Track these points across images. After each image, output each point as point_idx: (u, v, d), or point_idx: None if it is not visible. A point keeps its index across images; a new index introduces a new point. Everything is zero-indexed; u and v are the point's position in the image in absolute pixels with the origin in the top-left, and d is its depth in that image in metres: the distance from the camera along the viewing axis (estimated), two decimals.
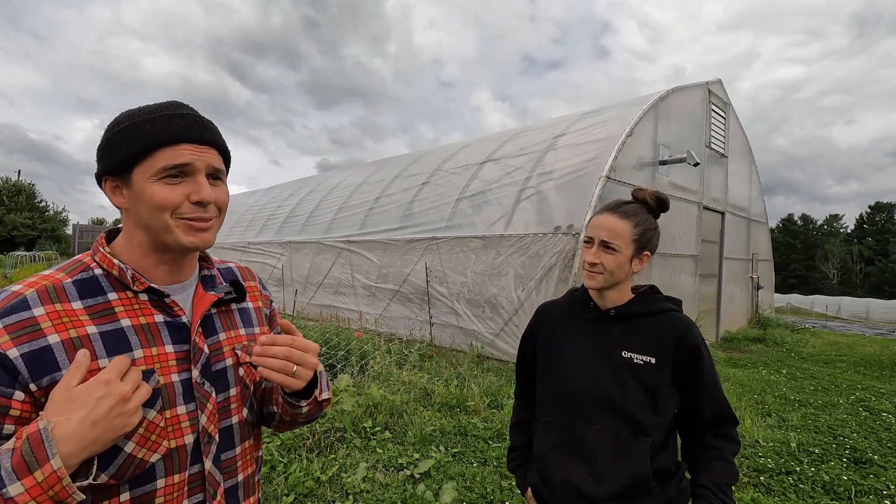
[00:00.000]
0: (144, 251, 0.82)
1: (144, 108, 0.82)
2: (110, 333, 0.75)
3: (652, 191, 1.32)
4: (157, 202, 0.77)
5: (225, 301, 0.92)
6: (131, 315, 0.79)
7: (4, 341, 0.68)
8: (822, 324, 15.85)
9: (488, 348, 6.58)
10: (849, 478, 3.38)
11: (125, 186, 0.80)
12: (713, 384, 1.25)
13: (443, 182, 8.80)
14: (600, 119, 7.74)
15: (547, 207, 6.70)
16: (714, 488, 1.19)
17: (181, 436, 0.79)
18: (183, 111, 0.82)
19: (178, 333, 0.82)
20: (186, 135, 0.79)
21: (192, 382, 0.81)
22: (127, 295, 0.80)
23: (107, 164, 0.80)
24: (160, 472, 0.77)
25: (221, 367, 0.87)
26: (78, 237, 40.10)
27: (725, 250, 9.80)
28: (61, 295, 0.75)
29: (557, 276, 6.04)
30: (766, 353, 8.28)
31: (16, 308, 0.71)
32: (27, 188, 44.01)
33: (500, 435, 3.90)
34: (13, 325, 0.69)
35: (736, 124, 10.41)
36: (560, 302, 1.46)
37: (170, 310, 0.83)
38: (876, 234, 54.89)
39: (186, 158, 0.78)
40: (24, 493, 0.60)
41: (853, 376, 6.77)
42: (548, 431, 1.33)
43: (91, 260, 0.82)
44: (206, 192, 0.80)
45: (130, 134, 0.78)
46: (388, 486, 3.05)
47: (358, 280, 8.88)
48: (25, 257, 26.93)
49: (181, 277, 0.87)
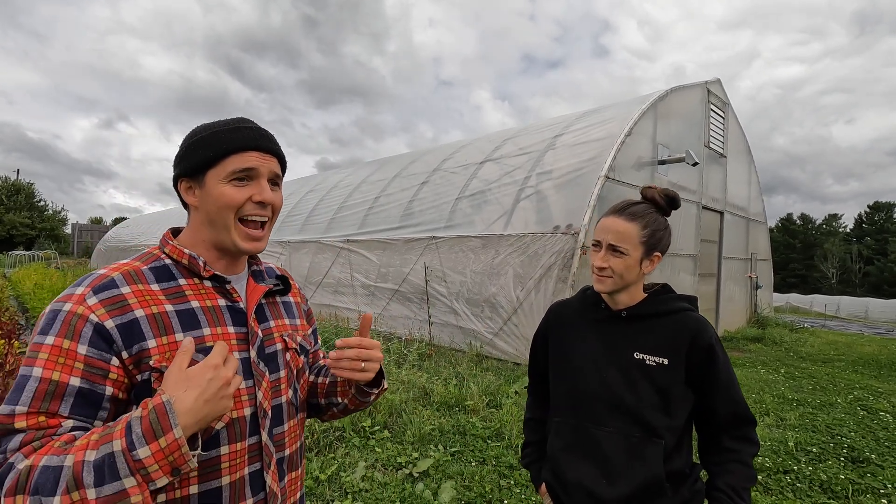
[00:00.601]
0: (207, 245, 0.95)
1: (218, 122, 0.96)
2: (184, 312, 0.87)
3: (661, 189, 1.28)
4: (225, 200, 0.90)
5: (273, 293, 1.05)
6: (199, 298, 0.91)
7: (101, 314, 0.79)
8: (821, 323, 15.87)
9: (487, 348, 6.59)
10: (846, 477, 3.39)
11: (198, 187, 0.93)
12: (728, 384, 1.22)
13: (442, 181, 8.81)
14: (599, 119, 7.74)
15: (546, 207, 6.71)
16: (730, 492, 1.16)
17: (241, 408, 0.90)
18: (250, 125, 0.96)
19: (236, 317, 0.94)
20: (253, 144, 0.92)
21: (250, 362, 0.93)
22: (194, 281, 0.92)
23: (185, 167, 0.93)
24: (224, 439, 0.87)
25: (273, 351, 0.99)
26: (77, 236, 40.07)
27: (724, 250, 9.81)
28: (141, 278, 0.87)
29: (557, 275, 6.04)
30: (764, 353, 8.29)
31: (107, 286, 0.82)
32: (26, 187, 43.96)
33: (498, 434, 3.91)
34: (107, 300, 0.81)
35: (735, 124, 10.41)
36: (572, 302, 1.44)
37: (229, 296, 0.95)
38: (875, 233, 54.97)
39: (253, 164, 0.91)
40: (150, 456, 0.68)
41: (851, 375, 6.79)
42: (559, 432, 1.32)
43: (160, 252, 0.94)
44: (267, 194, 0.93)
45: (207, 142, 0.91)
46: (386, 485, 3.05)
47: (357, 279, 8.88)
48: (24, 256, 26.90)
49: (236, 270, 1.00)
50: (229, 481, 0.88)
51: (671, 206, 1.29)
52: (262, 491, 0.93)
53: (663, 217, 1.29)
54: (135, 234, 24.69)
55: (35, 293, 9.63)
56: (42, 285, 10.18)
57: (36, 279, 11.44)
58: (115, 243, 25.74)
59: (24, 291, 11.01)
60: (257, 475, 0.92)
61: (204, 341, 0.86)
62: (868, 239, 54.39)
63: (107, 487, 0.66)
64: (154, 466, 0.68)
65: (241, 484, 0.89)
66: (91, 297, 0.80)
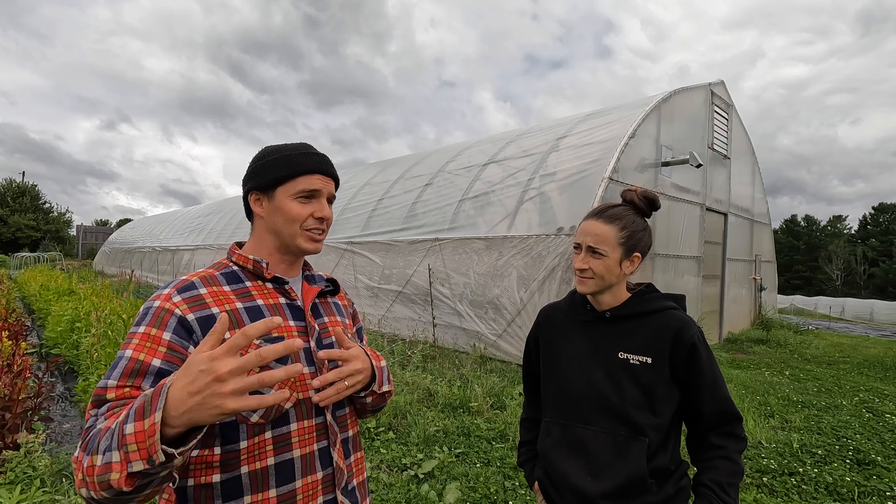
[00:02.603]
0: (270, 251, 1.09)
1: (286, 145, 1.10)
2: (252, 308, 1.00)
3: (641, 191, 1.31)
4: (293, 215, 1.05)
5: (325, 293, 1.19)
6: (263, 297, 1.04)
7: (184, 309, 0.93)
8: (826, 325, 15.79)
9: (491, 349, 6.60)
10: (852, 479, 3.38)
11: (267, 200, 1.07)
12: (713, 382, 1.24)
13: (446, 183, 8.83)
14: (603, 120, 7.75)
15: (550, 209, 6.72)
16: (715, 487, 1.19)
17: (306, 390, 1.00)
18: (316, 151, 1.10)
19: (295, 312, 1.07)
20: (319, 168, 1.07)
21: (311, 350, 1.04)
22: (258, 283, 1.06)
23: (258, 182, 1.07)
24: (293, 417, 0.98)
25: (329, 343, 1.10)
26: (82, 238, 40.23)
27: (728, 251, 9.79)
28: (215, 281, 1.02)
29: (560, 277, 6.05)
30: (769, 355, 8.27)
31: (188, 287, 0.97)
32: (31, 189, 44.19)
33: (503, 436, 3.91)
34: (189, 298, 0.95)
35: (739, 125, 10.40)
36: (561, 304, 1.48)
37: (288, 294, 1.08)
38: (880, 234, 54.66)
39: (317, 185, 1.07)
40: (132, 434, 0.68)
41: (857, 378, 6.76)
42: (550, 432, 1.36)
43: (228, 261, 1.09)
44: (327, 212, 1.09)
45: (280, 163, 1.06)
46: (392, 486, 3.06)
47: (361, 281, 8.90)
48: (29, 258, 27.05)
49: (292, 274, 1.13)
50: (300, 454, 0.98)
51: (651, 208, 1.31)
52: (330, 466, 1.03)
53: (642, 218, 1.31)
54: (138, 235, 24.78)
55: (41, 294, 9.68)
56: (47, 287, 10.22)
57: (41, 281, 11.49)
58: (119, 245, 25.84)
59: (30, 293, 11.06)
60: (325, 451, 1.03)
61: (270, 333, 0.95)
62: (873, 240, 54.09)
63: (105, 456, 0.69)
64: (133, 446, 0.67)
65: (311, 458, 1.00)
66: (176, 296, 0.94)
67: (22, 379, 3.42)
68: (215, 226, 17.01)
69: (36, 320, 9.17)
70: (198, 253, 16.20)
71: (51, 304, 8.09)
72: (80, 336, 5.43)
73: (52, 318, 6.71)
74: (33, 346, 6.46)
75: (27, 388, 3.49)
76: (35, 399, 3.51)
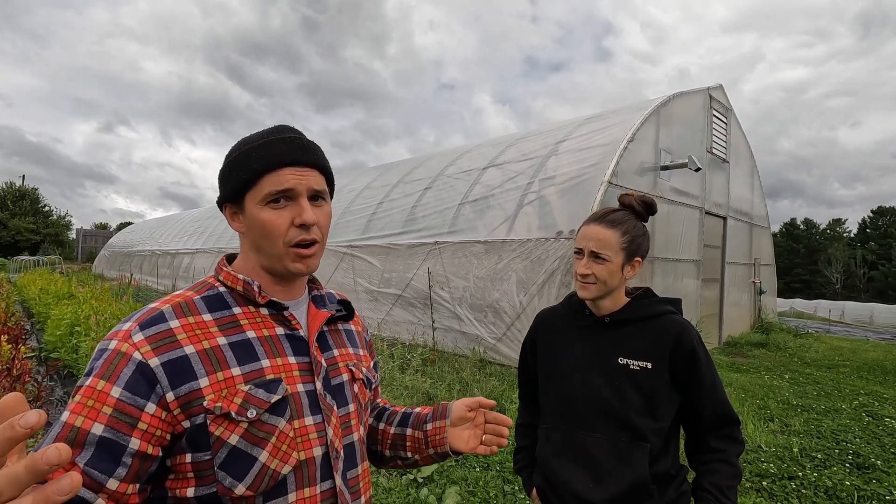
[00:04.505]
0: (258, 272, 0.86)
1: (253, 135, 0.86)
2: (238, 343, 0.78)
3: (639, 195, 1.32)
4: (267, 228, 0.81)
5: (335, 319, 0.96)
6: (255, 327, 0.82)
7: (146, 351, 0.71)
8: (826, 328, 15.78)
9: (491, 353, 6.60)
10: (851, 483, 3.38)
11: (241, 212, 0.85)
12: (712, 385, 1.25)
13: (445, 187, 8.85)
14: (602, 124, 7.78)
15: (549, 212, 6.73)
16: (715, 491, 1.19)
17: (310, 447, 0.79)
18: (285, 135, 0.84)
19: (297, 345, 0.85)
20: (287, 158, 0.81)
21: (316, 394, 0.82)
22: (249, 309, 0.83)
23: (225, 192, 0.85)
24: (291, 485, 0.77)
25: (339, 382, 0.88)
26: (81, 241, 40.23)
27: (728, 255, 9.80)
28: (192, 309, 0.79)
29: (560, 280, 6.05)
30: (768, 358, 8.26)
31: (154, 321, 0.75)
32: (31, 193, 44.24)
33: None
34: (154, 335, 0.73)
35: (737, 129, 10.43)
36: (558, 308, 1.47)
37: (288, 323, 0.85)
38: (879, 238, 54.73)
39: (289, 183, 0.80)
40: None
41: (856, 381, 6.75)
42: (549, 438, 1.35)
43: (215, 280, 0.86)
44: (308, 215, 0.82)
45: (240, 162, 0.82)
46: (391, 490, 3.06)
47: (360, 284, 8.91)
48: (29, 262, 27.04)
49: (294, 296, 0.90)
50: None
51: (648, 212, 1.32)
52: None
53: (641, 223, 1.32)
54: (138, 239, 24.78)
55: (40, 298, 9.67)
56: (47, 290, 10.22)
57: (41, 284, 11.49)
58: (118, 249, 25.85)
59: (30, 296, 11.06)
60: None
61: (263, 374, 0.77)
62: (872, 244, 54.15)
63: None
64: None
65: None
66: (137, 334, 0.73)
67: (21, 383, 3.42)
68: (215, 229, 17.02)
69: (35, 324, 9.16)
70: (198, 256, 16.21)
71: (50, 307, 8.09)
72: (80, 340, 5.43)
73: (52, 321, 6.70)
74: (33, 350, 6.46)
75: (26, 392, 3.49)
76: (34, 403, 3.51)
